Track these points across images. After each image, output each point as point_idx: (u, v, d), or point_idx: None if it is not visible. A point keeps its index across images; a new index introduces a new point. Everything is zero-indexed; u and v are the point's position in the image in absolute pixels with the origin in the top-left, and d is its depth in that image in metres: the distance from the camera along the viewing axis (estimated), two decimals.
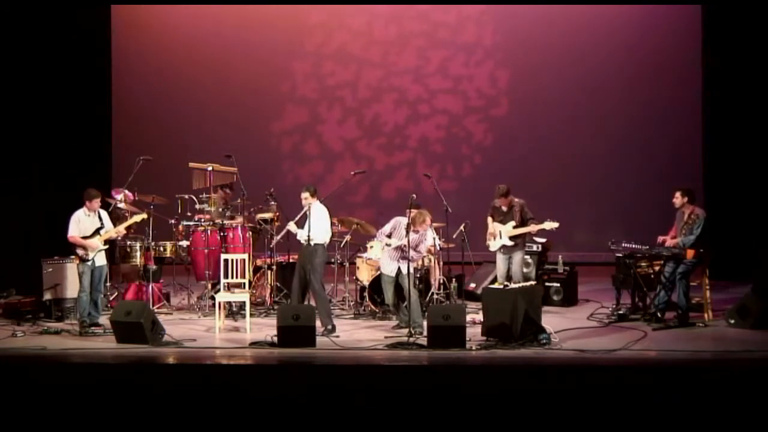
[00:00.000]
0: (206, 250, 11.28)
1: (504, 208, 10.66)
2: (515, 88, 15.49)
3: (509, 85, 15.53)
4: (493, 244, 10.75)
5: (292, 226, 10.18)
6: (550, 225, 10.50)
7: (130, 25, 15.64)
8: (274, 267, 11.50)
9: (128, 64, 15.52)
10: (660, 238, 10.45)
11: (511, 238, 10.59)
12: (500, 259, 10.73)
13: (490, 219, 10.81)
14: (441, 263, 11.30)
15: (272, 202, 11.64)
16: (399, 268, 10.02)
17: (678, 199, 10.37)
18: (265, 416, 6.97)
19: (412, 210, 9.97)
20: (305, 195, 10.04)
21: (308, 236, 9.89)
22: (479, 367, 8.70)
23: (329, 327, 9.87)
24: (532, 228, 10.59)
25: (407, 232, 9.82)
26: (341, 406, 7.09)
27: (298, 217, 10.18)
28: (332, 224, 10.61)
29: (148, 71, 15.62)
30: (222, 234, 11.26)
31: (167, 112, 15.61)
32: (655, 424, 6.75)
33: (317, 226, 9.99)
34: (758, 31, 13.03)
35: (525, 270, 11.58)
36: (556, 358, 8.89)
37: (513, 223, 10.58)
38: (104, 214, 10.46)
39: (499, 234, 10.65)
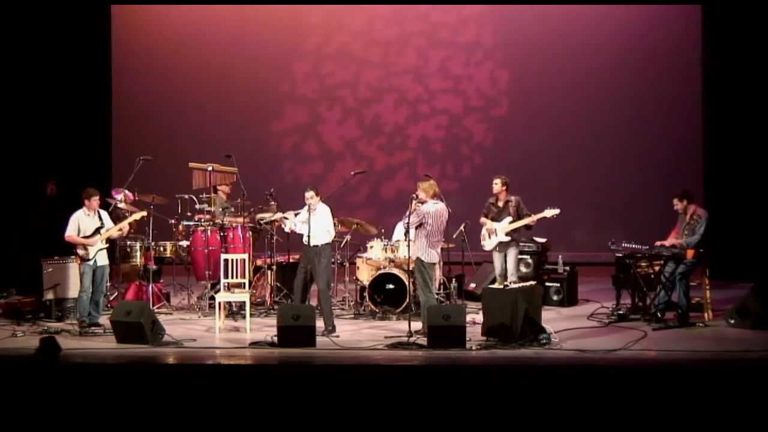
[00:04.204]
0: (206, 250, 11.28)
1: (500, 204, 10.64)
2: (515, 88, 15.50)
3: (509, 85, 15.53)
4: (489, 243, 10.69)
5: (290, 215, 10.18)
6: (551, 212, 10.42)
7: (130, 25, 15.64)
8: (274, 267, 11.50)
9: (128, 64, 15.53)
10: (658, 243, 10.43)
11: (507, 233, 10.56)
12: (497, 257, 10.70)
13: (483, 219, 10.76)
14: (441, 263, 11.28)
15: (272, 202, 11.63)
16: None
17: (677, 204, 10.37)
18: (265, 416, 6.96)
19: (413, 209, 9.94)
20: (311, 194, 10.00)
21: (309, 236, 9.89)
22: (479, 367, 8.70)
23: (330, 327, 9.87)
24: (532, 218, 10.49)
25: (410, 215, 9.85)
26: (341, 406, 7.08)
27: (300, 212, 10.18)
28: (333, 224, 10.62)
29: (148, 71, 15.62)
30: (222, 234, 11.25)
31: (167, 112, 15.61)
32: (656, 424, 6.75)
33: (322, 226, 10.00)
34: (758, 31, 13.04)
35: (525, 270, 11.58)
36: (556, 358, 8.90)
37: (509, 218, 10.55)
38: (104, 213, 10.47)
39: (495, 231, 10.61)
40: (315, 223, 9.93)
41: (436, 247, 9.97)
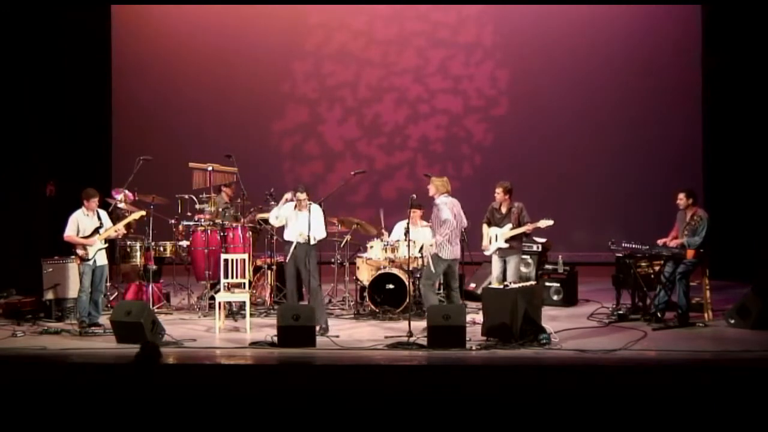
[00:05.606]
0: (206, 250, 11.28)
1: (503, 210, 10.56)
2: (515, 88, 15.49)
3: (509, 85, 15.53)
4: (490, 248, 10.65)
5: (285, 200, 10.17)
6: (545, 223, 10.35)
7: (130, 25, 15.63)
8: (274, 267, 11.50)
9: (128, 64, 15.52)
10: (660, 241, 10.43)
11: (507, 240, 10.50)
12: (496, 261, 10.56)
13: (485, 226, 10.62)
14: None
15: (272, 202, 11.62)
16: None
17: (682, 200, 10.36)
18: (265, 416, 6.97)
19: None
20: (304, 195, 10.01)
21: (308, 235, 9.89)
22: (479, 367, 8.70)
23: (323, 326, 9.86)
24: (528, 227, 10.42)
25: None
26: (341, 406, 7.08)
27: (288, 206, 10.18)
28: (330, 224, 10.63)
29: (148, 71, 15.61)
30: (222, 234, 11.25)
31: (167, 112, 15.60)
32: (656, 424, 6.75)
33: (318, 225, 10.02)
34: (758, 32, 13.04)
35: (525, 270, 11.56)
36: (556, 358, 8.90)
37: (510, 225, 10.48)
38: (103, 213, 10.47)
39: (495, 237, 10.56)
40: (311, 222, 9.92)
41: (453, 241, 9.99)
